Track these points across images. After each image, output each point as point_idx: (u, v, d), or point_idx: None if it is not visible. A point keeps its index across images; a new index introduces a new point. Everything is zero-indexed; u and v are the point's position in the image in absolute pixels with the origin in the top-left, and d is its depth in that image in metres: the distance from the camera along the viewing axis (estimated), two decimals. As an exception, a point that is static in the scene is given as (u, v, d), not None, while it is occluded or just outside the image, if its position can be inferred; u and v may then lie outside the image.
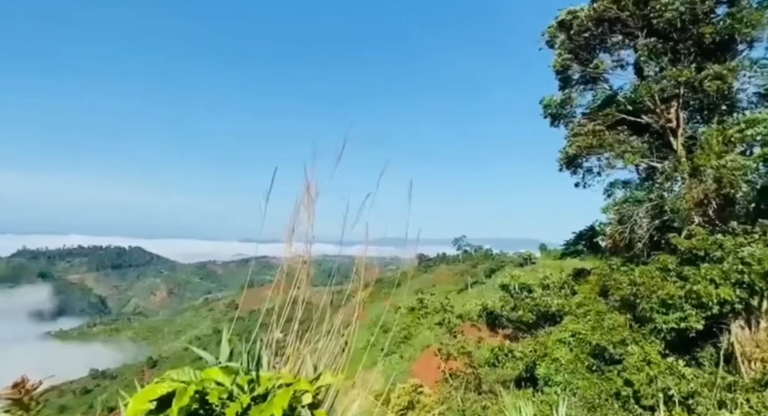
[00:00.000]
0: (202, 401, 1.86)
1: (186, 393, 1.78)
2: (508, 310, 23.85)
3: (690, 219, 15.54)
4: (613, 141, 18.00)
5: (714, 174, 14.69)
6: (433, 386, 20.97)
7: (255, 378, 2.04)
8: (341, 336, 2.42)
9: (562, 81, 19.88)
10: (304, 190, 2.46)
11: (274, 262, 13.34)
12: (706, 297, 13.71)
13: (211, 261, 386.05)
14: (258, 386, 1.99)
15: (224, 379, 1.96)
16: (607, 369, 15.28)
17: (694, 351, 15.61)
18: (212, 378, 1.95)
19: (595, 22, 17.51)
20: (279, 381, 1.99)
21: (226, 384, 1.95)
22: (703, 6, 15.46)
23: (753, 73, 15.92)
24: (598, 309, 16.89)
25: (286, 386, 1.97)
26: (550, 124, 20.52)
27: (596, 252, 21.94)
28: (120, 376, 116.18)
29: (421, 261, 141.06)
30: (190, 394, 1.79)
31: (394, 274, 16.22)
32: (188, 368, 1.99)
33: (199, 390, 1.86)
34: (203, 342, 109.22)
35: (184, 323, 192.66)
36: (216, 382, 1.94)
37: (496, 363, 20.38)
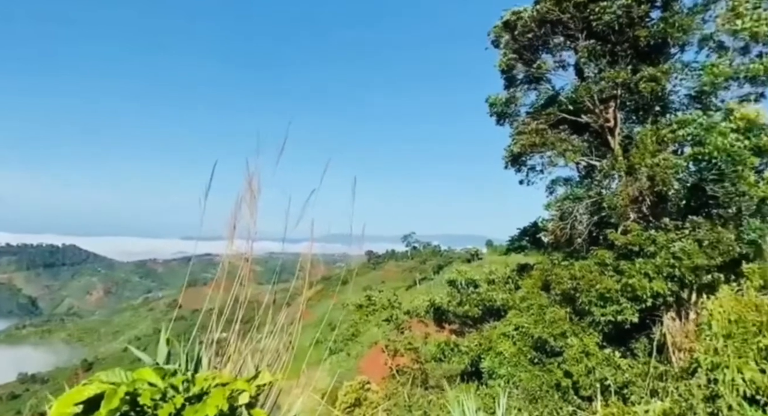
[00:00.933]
0: (134, 403, 1.81)
1: (116, 395, 1.72)
2: (454, 305, 24.14)
3: (626, 215, 16.16)
4: (555, 139, 18.48)
5: (648, 172, 15.33)
6: (380, 382, 21.01)
7: (190, 378, 1.98)
8: (286, 335, 2.39)
9: (507, 80, 20.25)
10: (245, 185, 2.39)
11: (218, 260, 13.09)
12: (640, 290, 14.32)
13: (152, 259, 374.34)
14: (193, 386, 1.95)
15: (157, 380, 1.90)
16: (548, 361, 15.73)
17: (629, 342, 16.29)
18: (144, 379, 1.88)
19: (538, 23, 17.91)
20: (215, 381, 1.95)
21: (159, 384, 1.89)
22: (638, 10, 16.07)
23: (684, 76, 16.72)
24: (540, 303, 17.33)
25: (222, 386, 1.93)
26: (496, 122, 20.88)
27: (539, 248, 22.50)
28: (52, 380, 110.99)
29: (370, 258, 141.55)
30: (120, 396, 1.73)
31: (342, 272, 16.08)
32: (119, 369, 1.92)
33: (131, 392, 1.79)
34: (143, 342, 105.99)
35: (122, 323, 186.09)
36: (149, 383, 1.88)
37: (442, 358, 20.61)
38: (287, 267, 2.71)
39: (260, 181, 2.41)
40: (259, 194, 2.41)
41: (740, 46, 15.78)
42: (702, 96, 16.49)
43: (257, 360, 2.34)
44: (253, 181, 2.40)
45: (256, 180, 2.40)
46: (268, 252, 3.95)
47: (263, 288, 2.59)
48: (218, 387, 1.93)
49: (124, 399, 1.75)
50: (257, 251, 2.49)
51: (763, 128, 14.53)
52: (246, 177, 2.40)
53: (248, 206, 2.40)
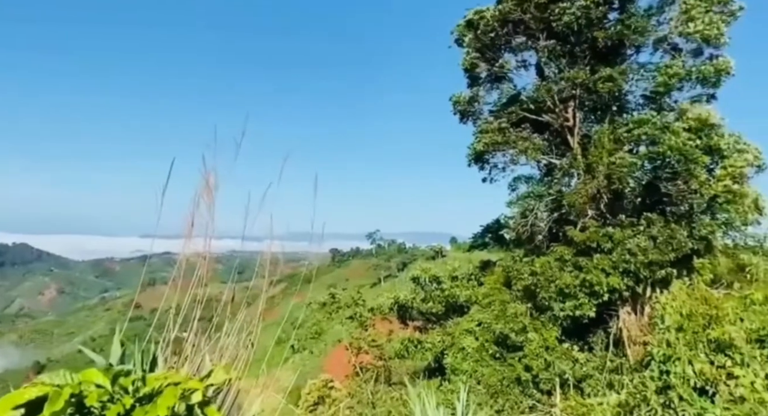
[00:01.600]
0: (80, 405, 1.75)
1: (60, 398, 1.66)
2: (418, 302, 24.25)
3: (584, 213, 16.55)
4: (516, 138, 18.76)
5: (605, 170, 15.74)
6: (344, 380, 20.95)
7: (140, 378, 1.93)
8: (246, 333, 2.36)
9: (471, 79, 20.42)
10: (202, 182, 2.35)
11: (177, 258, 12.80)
12: (597, 285, 14.70)
13: (109, 258, 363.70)
14: (144, 387, 1.90)
15: (105, 381, 1.84)
16: (509, 356, 15.98)
17: (587, 336, 16.71)
18: (91, 380, 1.82)
19: (500, 22, 18.12)
20: (167, 381, 1.91)
21: (107, 386, 1.83)
22: (596, 11, 16.45)
23: (640, 77, 17.21)
24: (502, 299, 17.57)
25: (174, 385, 1.88)
26: (459, 120, 21.03)
27: (502, 245, 22.81)
28: (1, 383, 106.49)
29: (335, 256, 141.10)
30: (64, 398, 1.67)
31: (307, 270, 16.01)
32: (63, 370, 1.86)
33: (76, 394, 1.74)
34: (99, 343, 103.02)
35: (77, 324, 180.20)
36: (96, 385, 1.82)
37: (406, 354, 20.68)
38: (250, 265, 2.66)
39: (218, 177, 2.37)
40: (217, 191, 2.36)
41: (693, 48, 16.37)
42: (656, 96, 17.01)
43: (216, 359, 2.29)
44: (210, 177, 2.35)
45: (214, 176, 2.35)
46: (231, 250, 3.87)
47: (224, 287, 2.52)
48: (170, 386, 1.88)
49: (69, 401, 1.69)
50: (219, 249, 2.46)
51: (713, 128, 15.10)
52: (203, 173, 2.34)
53: (206, 203, 2.36)
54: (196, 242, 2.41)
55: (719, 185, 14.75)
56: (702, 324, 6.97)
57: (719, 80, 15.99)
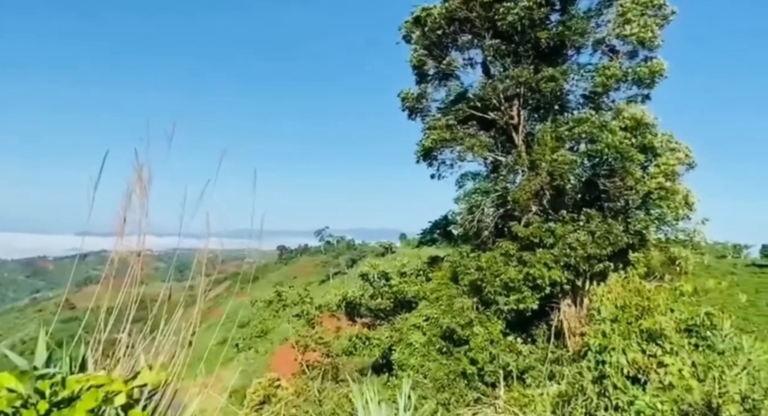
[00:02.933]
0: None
1: None
2: (367, 299, 24.25)
3: (528, 208, 16.96)
4: (464, 135, 19.01)
5: (548, 168, 16.19)
6: (291, 379, 20.68)
7: (59, 381, 1.83)
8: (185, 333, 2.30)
9: (419, 76, 20.54)
10: (135, 176, 2.26)
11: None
12: (540, 279, 15.12)
13: (41, 257, 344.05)
14: (62, 390, 1.80)
15: (17, 385, 1.75)
16: (455, 350, 16.21)
17: (530, 329, 17.18)
18: (3, 384, 1.74)
19: (447, 20, 18.29)
20: (89, 383, 1.82)
21: (20, 390, 1.75)
22: (539, 12, 16.85)
23: (580, 77, 17.81)
24: (449, 293, 17.80)
25: (96, 387, 1.80)
26: (408, 116, 21.12)
27: (450, 240, 23.07)
28: None
29: (282, 254, 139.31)
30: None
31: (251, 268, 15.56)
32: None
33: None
34: (29, 346, 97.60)
35: (5, 326, 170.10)
36: (8, 389, 1.73)
37: (353, 351, 20.65)
38: (189, 263, 2.54)
39: (151, 171, 2.28)
40: (151, 185, 2.28)
41: (629, 50, 17.07)
42: (595, 96, 17.65)
43: (152, 360, 2.21)
44: (143, 171, 2.26)
45: (147, 170, 2.27)
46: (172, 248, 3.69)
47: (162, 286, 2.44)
48: (91, 389, 1.79)
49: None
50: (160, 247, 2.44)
51: (648, 127, 15.79)
52: (135, 166, 2.26)
53: (139, 198, 2.26)
54: (130, 239, 2.31)
55: (653, 182, 15.44)
56: (635, 315, 7.25)
57: (653, 81, 16.74)
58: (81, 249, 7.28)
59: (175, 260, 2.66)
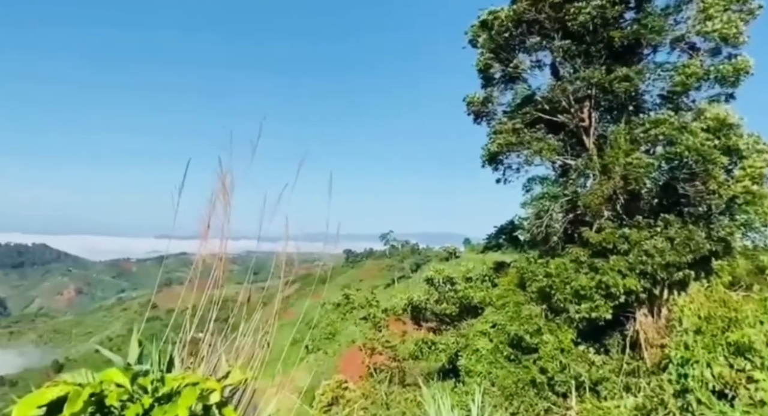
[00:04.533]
0: (100, 405, 1.76)
1: (79, 397, 1.67)
2: (432, 303, 24.23)
3: (600, 213, 16.39)
4: (531, 139, 18.65)
5: (621, 171, 15.58)
6: (358, 381, 20.98)
7: (159, 378, 1.95)
8: (262, 334, 2.38)
9: (485, 79, 20.36)
10: (218, 183, 2.37)
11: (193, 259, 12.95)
12: (614, 287, 14.56)
13: (125, 259, 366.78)
14: (163, 387, 1.91)
15: (124, 381, 1.85)
16: (524, 358, 15.88)
17: (603, 339, 16.55)
18: (111, 380, 1.83)
19: (515, 23, 18.05)
20: (185, 381, 1.92)
21: (127, 385, 1.84)
22: (612, 11, 16.31)
23: (657, 76, 17.02)
24: (516, 300, 17.48)
25: (192, 385, 1.90)
26: (473, 121, 20.98)
27: (516, 246, 22.69)
28: (21, 382, 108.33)
29: (349, 257, 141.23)
30: (84, 398, 1.68)
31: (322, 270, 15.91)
32: (84, 370, 1.89)
33: (96, 393, 1.75)
34: (116, 343, 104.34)
35: (94, 324, 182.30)
36: (116, 384, 1.83)
37: (419, 355, 20.67)
38: (266, 265, 2.66)
39: (234, 178, 2.38)
40: (233, 191, 2.38)
41: (711, 47, 16.15)
42: (674, 96, 16.81)
43: (232, 360, 2.31)
44: (226, 178, 2.36)
45: (230, 177, 2.37)
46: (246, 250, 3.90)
47: (240, 287, 2.57)
48: (188, 387, 1.89)
49: (89, 400, 1.71)
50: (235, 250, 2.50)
51: (732, 128, 14.88)
52: (219, 174, 2.37)
53: (222, 204, 2.37)
54: (212, 243, 2.43)
55: (738, 186, 14.53)
56: (721, 327, 6.87)
57: (738, 79, 15.75)
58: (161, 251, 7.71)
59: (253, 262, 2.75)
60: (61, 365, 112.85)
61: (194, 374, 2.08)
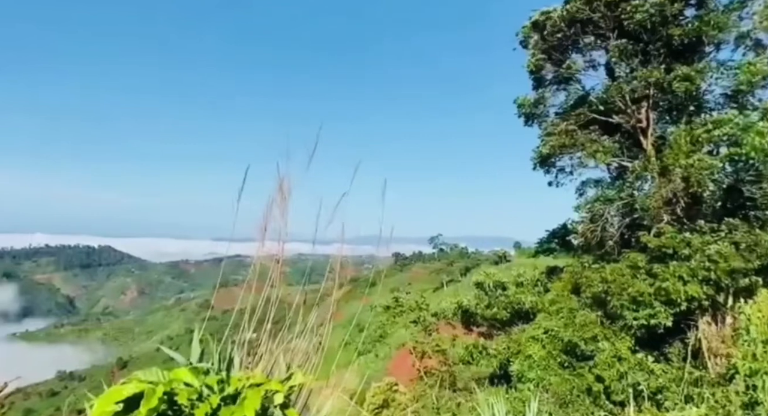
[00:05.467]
0: (171, 402, 1.83)
1: (154, 395, 1.76)
2: (482, 308, 24.00)
3: (659, 217, 15.85)
4: (585, 140, 18.25)
5: (682, 173, 15.01)
6: (408, 384, 21.00)
7: (225, 378, 2.02)
8: (316, 336, 2.42)
9: (536, 81, 20.08)
10: (276, 188, 2.44)
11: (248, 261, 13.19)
12: (674, 294, 14.01)
13: (184, 261, 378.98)
14: (228, 386, 1.98)
15: (193, 380, 1.93)
16: (578, 365, 15.51)
17: (662, 347, 15.94)
18: (181, 378, 1.92)
19: (568, 23, 17.72)
20: (250, 382, 1.98)
21: (195, 384, 1.92)
22: (672, 8, 15.77)
23: (720, 75, 16.29)
24: (570, 306, 17.11)
25: (256, 386, 1.95)
26: (524, 123, 20.70)
27: (569, 250, 22.22)
28: (89, 378, 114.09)
29: (397, 260, 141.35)
30: (158, 395, 1.76)
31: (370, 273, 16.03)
32: (156, 368, 1.96)
33: (168, 391, 1.83)
34: (175, 342, 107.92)
35: (155, 323, 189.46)
36: (185, 383, 1.91)
37: (470, 360, 20.52)
38: (316, 268, 2.73)
39: (291, 183, 2.45)
40: (290, 196, 2.45)
41: (779, 43, 15.37)
42: (738, 95, 16.08)
43: (288, 361, 2.36)
44: (284, 183, 2.44)
45: (287, 182, 2.44)
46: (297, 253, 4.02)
47: (292, 289, 2.62)
48: (252, 387, 1.96)
49: (162, 398, 1.79)
50: (287, 252, 2.53)
51: (802, 127, 14.09)
52: (277, 180, 2.44)
53: (279, 208, 2.44)
54: (269, 245, 2.49)
55: (809, 188, 13.76)
56: (792, 337, 6.55)
57: (809, 77, 14.93)
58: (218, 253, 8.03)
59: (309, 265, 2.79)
60: (125, 362, 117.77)
61: (258, 375, 2.13)
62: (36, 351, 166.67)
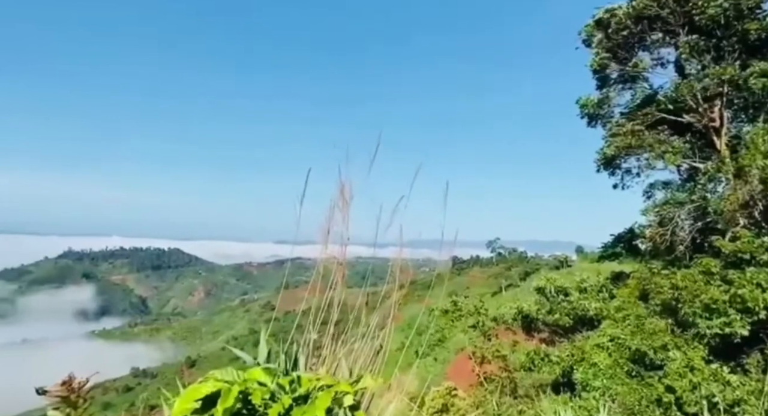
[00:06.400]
0: (245, 401, 1.88)
1: (231, 394, 1.82)
2: (543, 314, 23.51)
3: (734, 221, 15.04)
4: (653, 141, 17.61)
5: (760, 174, 14.20)
6: (468, 389, 20.83)
7: (296, 379, 2.06)
8: (376, 338, 2.42)
9: (600, 80, 19.56)
10: (338, 192, 2.47)
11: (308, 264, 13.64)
12: (751, 301, 13.26)
13: (247, 263, 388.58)
14: (299, 387, 2.01)
15: (266, 380, 1.99)
16: (647, 374, 14.91)
17: (739, 357, 15.07)
18: (255, 378, 1.97)
19: (634, 20, 17.17)
20: (320, 383, 2.00)
21: (268, 384, 1.98)
22: (748, 1, 15.00)
23: (801, 70, 15.33)
24: (637, 313, 16.49)
25: (326, 387, 1.98)
26: (587, 124, 20.21)
27: (635, 255, 21.50)
28: (160, 375, 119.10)
29: (455, 264, 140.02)
30: (234, 395, 1.82)
31: (428, 276, 16.04)
32: (231, 368, 2.02)
33: (242, 391, 1.88)
34: (240, 342, 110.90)
35: (221, 323, 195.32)
36: (258, 383, 1.96)
37: (532, 367, 20.12)
38: (375, 270, 2.78)
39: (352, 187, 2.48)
40: (351, 200, 2.47)
41: None
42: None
43: (351, 362, 2.36)
44: (345, 188, 2.46)
45: (348, 187, 2.47)
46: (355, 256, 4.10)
47: (351, 292, 2.61)
48: (323, 388, 1.98)
49: (238, 397, 1.84)
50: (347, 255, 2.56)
51: None
52: (338, 184, 2.47)
53: (341, 212, 2.47)
54: (331, 248, 2.51)
55: None
56: None
57: None
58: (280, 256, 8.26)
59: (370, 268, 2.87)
60: (194, 361, 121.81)
61: (329, 376, 2.14)
62: (112, 348, 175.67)
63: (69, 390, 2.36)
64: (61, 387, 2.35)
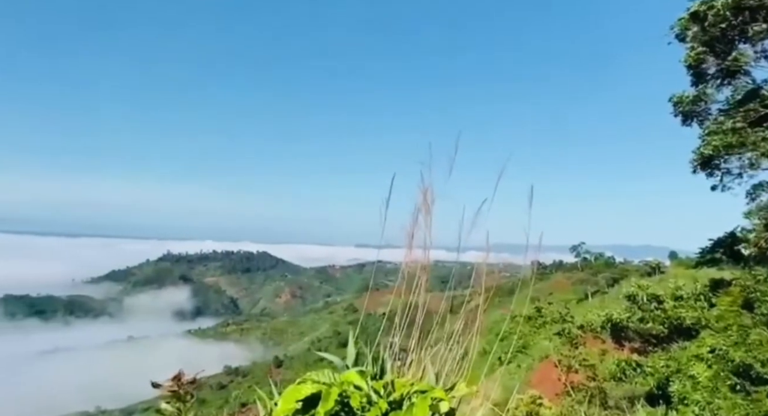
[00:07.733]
0: (343, 404, 1.90)
1: (331, 396, 1.85)
2: (635, 322, 22.39)
3: None
4: (757, 139, 16.41)
5: None
6: (553, 398, 20.26)
7: (390, 383, 2.06)
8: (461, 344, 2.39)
9: (696, 76, 18.44)
10: (420, 196, 2.47)
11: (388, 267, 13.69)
12: None
13: (330, 266, 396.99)
14: (393, 391, 2.01)
15: (362, 383, 1.99)
16: (754, 389, 13.89)
17: None
18: (351, 381, 1.98)
19: (735, 10, 16.09)
20: (414, 388, 1.99)
21: (365, 388, 1.98)
22: None
23: None
24: (741, 323, 15.40)
25: (420, 393, 1.96)
26: (682, 122, 19.10)
27: (737, 262, 20.03)
28: (250, 374, 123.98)
29: (537, 269, 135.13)
30: (334, 397, 1.85)
31: (509, 281, 15.85)
32: (327, 370, 2.06)
33: (341, 394, 1.90)
34: (324, 343, 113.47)
35: (306, 325, 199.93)
36: (354, 386, 1.97)
37: (623, 377, 19.24)
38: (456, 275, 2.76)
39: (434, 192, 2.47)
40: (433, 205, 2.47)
41: None
42: None
43: (437, 368, 2.32)
44: (428, 192, 2.46)
45: (431, 191, 2.46)
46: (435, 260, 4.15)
47: (431, 296, 2.60)
48: (419, 394, 1.95)
49: (337, 400, 1.86)
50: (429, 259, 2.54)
51: None
52: (421, 189, 2.47)
53: (424, 217, 2.46)
54: (414, 252, 2.52)
55: None
56: None
57: None
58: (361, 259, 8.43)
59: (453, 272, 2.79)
60: (281, 361, 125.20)
61: (423, 382, 2.15)
62: (207, 347, 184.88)
63: (179, 385, 2.54)
64: (173, 382, 2.54)
